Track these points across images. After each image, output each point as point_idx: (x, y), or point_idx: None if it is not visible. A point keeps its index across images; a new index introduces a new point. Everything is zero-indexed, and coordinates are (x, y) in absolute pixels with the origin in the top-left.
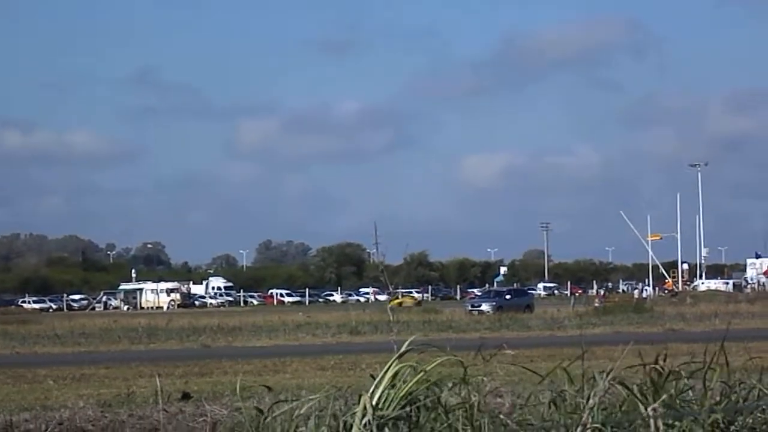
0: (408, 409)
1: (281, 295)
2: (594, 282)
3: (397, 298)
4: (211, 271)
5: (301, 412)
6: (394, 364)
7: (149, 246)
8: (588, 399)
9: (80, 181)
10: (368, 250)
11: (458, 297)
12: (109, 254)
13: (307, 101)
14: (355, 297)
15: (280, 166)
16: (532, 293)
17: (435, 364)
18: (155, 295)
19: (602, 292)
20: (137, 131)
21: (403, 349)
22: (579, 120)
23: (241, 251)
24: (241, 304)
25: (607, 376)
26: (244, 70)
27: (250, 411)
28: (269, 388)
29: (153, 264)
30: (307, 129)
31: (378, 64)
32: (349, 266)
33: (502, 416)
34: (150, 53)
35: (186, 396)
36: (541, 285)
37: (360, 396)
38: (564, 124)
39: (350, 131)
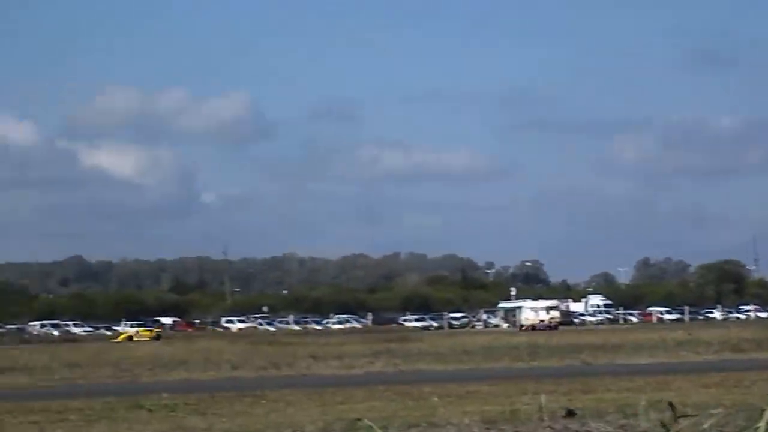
0: None
1: (660, 312)
2: None
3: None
4: (590, 289)
5: (705, 427)
6: None
7: (528, 264)
8: None
9: (458, 199)
10: (748, 267)
11: None
12: (487, 272)
13: (685, 115)
14: (736, 314)
15: (658, 182)
16: None
17: None
18: (534, 313)
19: None
20: (513, 147)
21: None
22: None
23: (619, 269)
24: (620, 321)
25: None
26: (621, 85)
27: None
28: (671, 405)
29: (531, 282)
30: (684, 143)
31: (757, 77)
32: (728, 283)
33: None
34: (521, 70)
35: (570, 413)
36: None
37: (762, 411)
38: None
39: (728, 145)
